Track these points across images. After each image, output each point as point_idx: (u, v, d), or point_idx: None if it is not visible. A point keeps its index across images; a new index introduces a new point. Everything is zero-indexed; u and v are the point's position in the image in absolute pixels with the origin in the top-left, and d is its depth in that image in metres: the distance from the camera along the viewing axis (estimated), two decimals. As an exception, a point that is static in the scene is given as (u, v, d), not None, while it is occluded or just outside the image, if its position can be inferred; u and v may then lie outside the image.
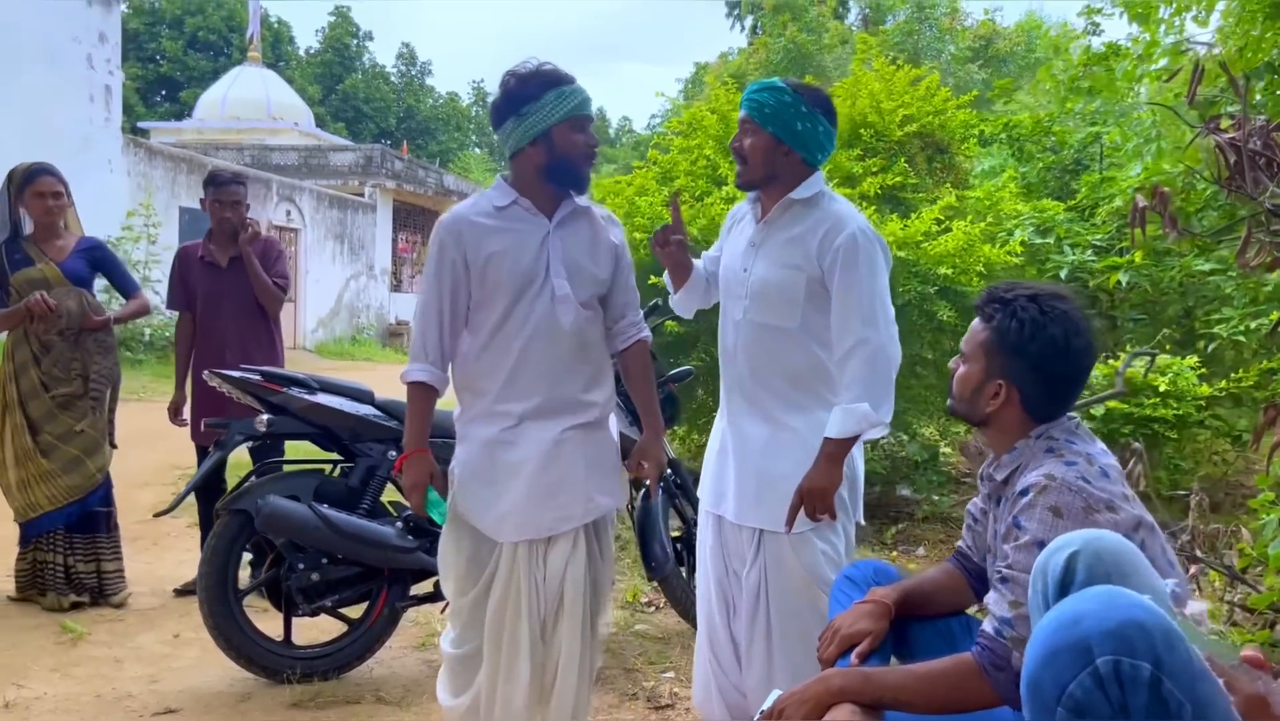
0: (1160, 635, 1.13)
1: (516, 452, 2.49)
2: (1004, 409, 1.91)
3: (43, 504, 4.19)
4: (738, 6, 24.33)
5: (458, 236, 2.50)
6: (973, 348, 1.97)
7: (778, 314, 2.60)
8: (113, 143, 15.46)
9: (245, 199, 4.64)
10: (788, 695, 1.75)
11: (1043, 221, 6.71)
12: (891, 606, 1.93)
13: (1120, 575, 1.31)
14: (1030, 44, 17.19)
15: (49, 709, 3.26)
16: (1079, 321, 1.90)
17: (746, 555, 2.63)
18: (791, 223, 2.61)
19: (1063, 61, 8.15)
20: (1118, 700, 1.14)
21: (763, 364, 2.64)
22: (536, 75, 2.47)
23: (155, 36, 38.95)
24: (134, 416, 10.01)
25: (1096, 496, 1.71)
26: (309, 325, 20.74)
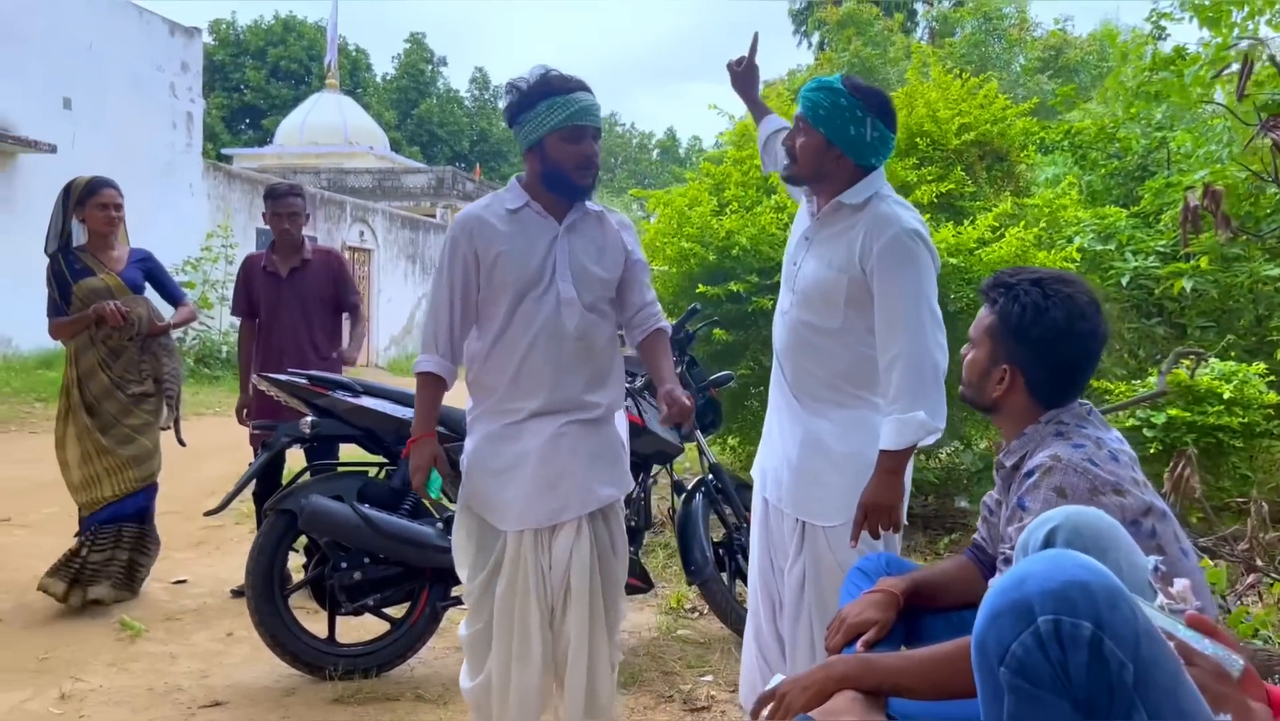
0: (1103, 595, 1.12)
1: (519, 445, 2.56)
2: (1010, 394, 1.90)
3: (108, 495, 4.36)
4: (804, 24, 24.30)
5: (470, 234, 2.58)
6: (979, 333, 1.96)
7: (819, 313, 2.58)
8: (194, 167, 16.02)
9: (304, 210, 4.80)
10: (789, 680, 1.74)
11: (1104, 228, 6.56)
12: (899, 596, 1.91)
13: (1099, 550, 1.29)
14: (1104, 53, 16.86)
15: (102, 700, 3.38)
16: (1084, 305, 1.87)
17: (789, 548, 2.62)
18: (840, 224, 2.58)
19: (1131, 68, 7.99)
20: (1058, 659, 1.13)
21: (804, 359, 2.63)
22: (536, 85, 2.51)
23: (240, 67, 40.27)
24: (208, 429, 10.33)
25: (1103, 478, 1.69)
26: (382, 343, 21.16)
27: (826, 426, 2.59)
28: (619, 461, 2.68)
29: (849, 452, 2.55)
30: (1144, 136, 7.63)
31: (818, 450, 2.58)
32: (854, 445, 2.55)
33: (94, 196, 4.45)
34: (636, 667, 3.69)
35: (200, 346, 14.90)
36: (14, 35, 12.99)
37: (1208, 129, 8.17)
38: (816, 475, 2.57)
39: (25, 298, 11.16)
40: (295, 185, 4.95)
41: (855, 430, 2.55)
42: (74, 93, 13.86)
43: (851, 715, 1.58)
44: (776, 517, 2.66)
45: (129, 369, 4.41)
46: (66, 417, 4.42)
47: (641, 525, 3.94)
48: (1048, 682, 1.14)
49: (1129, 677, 1.11)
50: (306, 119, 27.91)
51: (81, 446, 4.37)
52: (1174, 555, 1.73)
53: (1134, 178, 7.65)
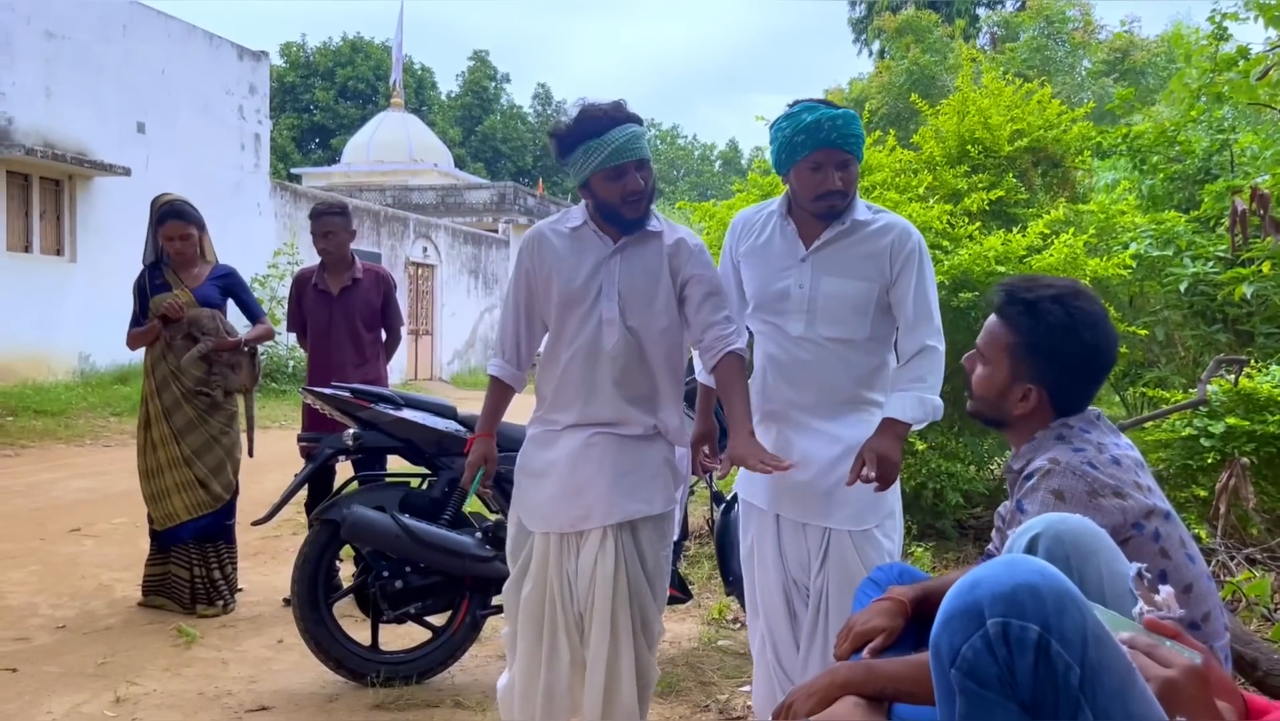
0: (1052, 598, 1.11)
1: (553, 451, 2.66)
2: (1034, 411, 1.91)
3: (180, 514, 4.51)
4: (864, 32, 24.16)
5: (531, 248, 2.70)
6: (993, 350, 1.96)
7: (849, 326, 2.62)
8: (261, 187, 16.46)
9: (343, 229, 4.87)
10: (797, 689, 1.76)
11: (1162, 233, 6.41)
12: (908, 604, 1.91)
13: (1079, 557, 1.29)
14: (1172, 55, 16.47)
15: (155, 704, 3.49)
16: (1102, 318, 1.91)
17: (812, 561, 2.62)
18: (850, 238, 2.63)
19: (1195, 69, 7.81)
20: (1005, 661, 1.13)
21: (831, 375, 2.64)
22: (572, 130, 2.56)
23: (309, 88, 41.26)
24: (272, 441, 10.58)
25: (1101, 481, 1.69)
26: (445, 357, 21.46)
27: (853, 433, 2.61)
28: (655, 479, 2.66)
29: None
30: (1207, 138, 7.44)
31: (849, 457, 2.58)
32: None
33: (162, 227, 4.61)
34: (674, 677, 3.71)
35: (267, 362, 15.27)
36: (91, 63, 13.50)
37: (1276, 130, 7.94)
38: (844, 480, 2.57)
39: (101, 315, 11.59)
40: (335, 204, 5.00)
41: (872, 428, 2.60)
42: (147, 117, 14.35)
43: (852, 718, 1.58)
44: (794, 532, 2.66)
45: (199, 381, 4.56)
46: (145, 428, 4.62)
47: (681, 536, 3.95)
48: (995, 684, 1.15)
49: (1075, 680, 1.11)
50: (372, 137, 28.48)
51: (155, 458, 4.54)
52: (1179, 560, 1.71)
53: (1195, 181, 7.45)
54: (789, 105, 2.64)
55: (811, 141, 2.51)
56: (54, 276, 13.10)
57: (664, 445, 2.70)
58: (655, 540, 2.69)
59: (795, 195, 2.65)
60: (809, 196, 2.59)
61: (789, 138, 2.55)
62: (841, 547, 2.58)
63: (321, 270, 4.94)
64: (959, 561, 5.33)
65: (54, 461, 9.12)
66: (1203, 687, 1.14)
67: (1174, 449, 4.88)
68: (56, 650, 4.05)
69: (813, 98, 2.65)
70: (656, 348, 2.64)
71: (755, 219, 2.80)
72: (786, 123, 2.57)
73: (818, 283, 2.62)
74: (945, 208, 5.90)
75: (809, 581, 2.64)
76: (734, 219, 2.87)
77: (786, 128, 2.56)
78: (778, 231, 2.72)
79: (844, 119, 2.53)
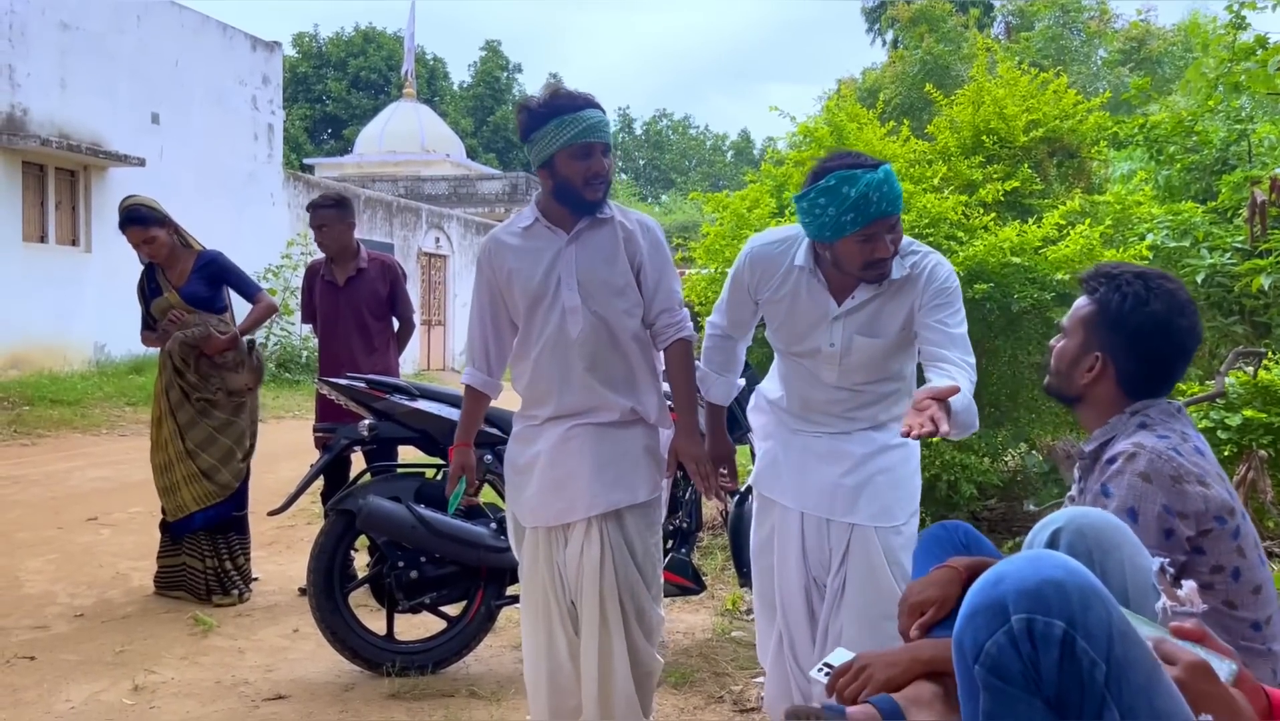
0: (1077, 594, 1.11)
1: (534, 446, 2.69)
2: (1099, 383, 1.90)
3: (189, 504, 4.54)
4: (878, 21, 24.04)
5: (488, 255, 2.72)
6: (1074, 322, 1.97)
7: (881, 370, 2.61)
8: (274, 177, 16.49)
9: (338, 221, 4.82)
10: (872, 655, 1.68)
11: (1179, 224, 6.36)
12: (963, 571, 1.79)
13: (1102, 551, 1.28)
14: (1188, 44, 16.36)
15: (172, 692, 3.52)
16: (1185, 303, 1.88)
17: (834, 556, 2.61)
18: (887, 294, 2.53)
19: (1213, 59, 7.74)
20: (1030, 657, 1.13)
21: (862, 404, 2.65)
22: (545, 104, 2.57)
23: (322, 78, 41.28)
24: (287, 431, 10.63)
25: (1187, 468, 1.69)
26: (457, 347, 21.49)
27: (884, 436, 2.62)
28: (638, 468, 2.67)
29: (908, 454, 2.65)
30: (1224, 129, 7.38)
31: (883, 455, 2.60)
32: (910, 447, 2.66)
33: (125, 234, 4.59)
34: (688, 668, 3.72)
35: (281, 351, 15.33)
36: (105, 54, 13.54)
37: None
38: (880, 476, 2.58)
39: (117, 305, 11.63)
40: (328, 196, 4.95)
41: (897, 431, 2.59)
42: (161, 108, 14.39)
43: (928, 708, 1.54)
44: (818, 530, 2.63)
45: (200, 381, 4.57)
46: (156, 425, 4.66)
47: (693, 527, 3.96)
48: (1019, 680, 1.14)
49: (1100, 676, 1.11)
50: (385, 128, 28.47)
51: (164, 453, 4.58)
52: (1253, 560, 1.71)
53: (1213, 172, 7.40)
54: (814, 175, 2.43)
55: (862, 218, 2.34)
56: (69, 266, 13.16)
57: (645, 431, 2.70)
58: (643, 528, 2.69)
59: (838, 262, 2.47)
60: (858, 266, 2.43)
61: (835, 218, 2.35)
62: (866, 543, 2.56)
63: (329, 261, 4.95)
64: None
65: (70, 451, 9.18)
66: (1211, 683, 1.13)
67: (1190, 441, 4.86)
68: (75, 638, 4.08)
69: (840, 157, 2.47)
70: (624, 329, 2.65)
71: (776, 261, 2.61)
72: (825, 200, 2.35)
73: (850, 340, 2.54)
74: (960, 198, 5.87)
75: (828, 579, 2.64)
76: (751, 249, 2.68)
77: (828, 206, 2.35)
78: (804, 287, 2.56)
79: (887, 182, 2.36)
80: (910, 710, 1.50)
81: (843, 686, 1.62)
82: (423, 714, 3.33)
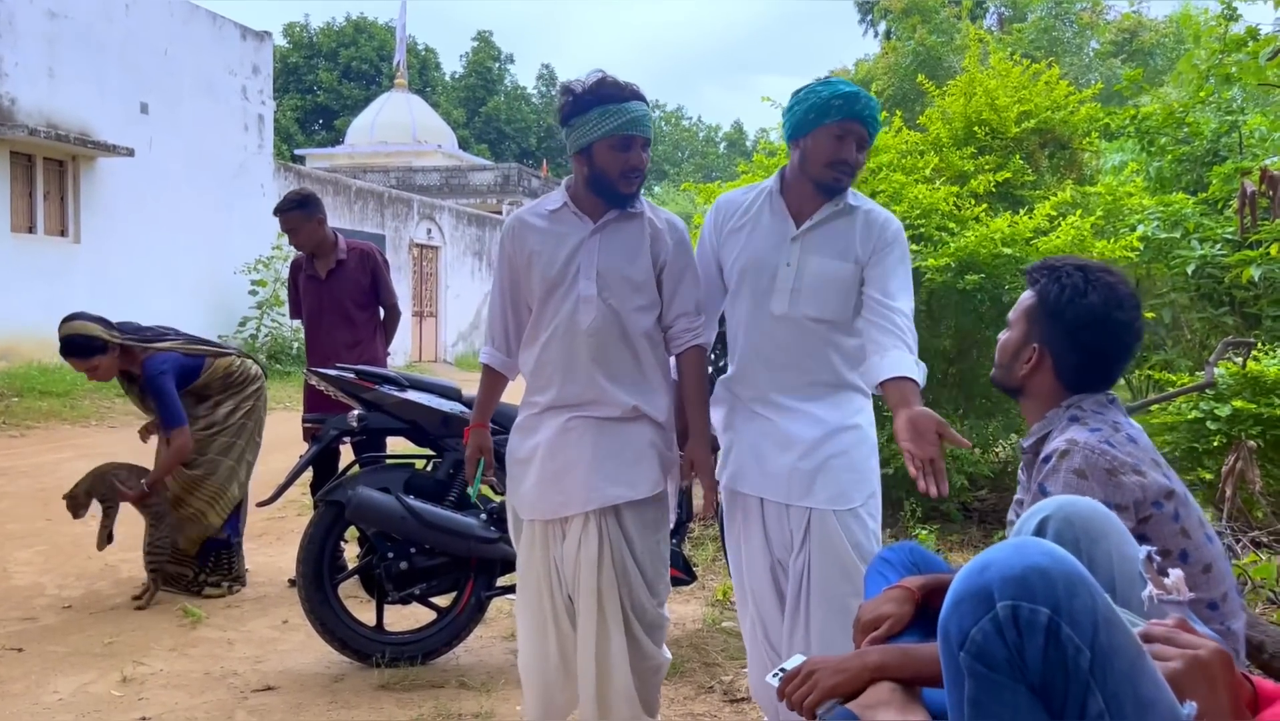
0: (1063, 581, 1.11)
1: (534, 438, 2.65)
2: (1037, 374, 1.91)
3: (190, 549, 4.56)
4: (870, 12, 24.01)
5: (511, 234, 2.69)
6: (1017, 314, 1.99)
7: (831, 306, 2.60)
8: (265, 168, 16.41)
9: (303, 221, 4.77)
10: (819, 661, 1.69)
11: (1170, 215, 6.37)
12: (916, 591, 1.88)
13: (1089, 539, 1.28)
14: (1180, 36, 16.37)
15: (161, 684, 3.50)
16: (1124, 297, 1.89)
17: (794, 540, 2.62)
18: (834, 221, 2.64)
19: (1204, 50, 7.75)
20: (1015, 644, 1.13)
21: (814, 356, 2.63)
22: (590, 91, 2.54)
23: (313, 69, 41.12)
24: (278, 423, 10.55)
25: (1120, 459, 1.69)
26: (449, 339, 21.46)
27: (837, 415, 2.62)
28: (640, 463, 2.61)
29: (862, 435, 2.65)
30: (1215, 120, 7.39)
31: (835, 437, 2.60)
32: (865, 426, 2.67)
33: (66, 361, 4.51)
34: (679, 658, 3.71)
35: (272, 343, 15.29)
36: (93, 43, 13.45)
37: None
38: (835, 460, 2.58)
39: (106, 296, 11.58)
40: (292, 198, 4.84)
41: (860, 413, 2.65)
42: (150, 97, 14.30)
43: (890, 706, 1.55)
44: (777, 514, 2.64)
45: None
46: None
47: (684, 518, 3.96)
48: (1004, 667, 1.14)
49: (1085, 663, 1.11)
50: (376, 118, 28.40)
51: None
52: (1198, 540, 1.71)
53: (1203, 163, 7.41)
54: (823, 78, 2.67)
55: (846, 109, 2.51)
56: (58, 257, 13.09)
57: (649, 426, 2.63)
58: (643, 525, 2.63)
59: (805, 162, 2.59)
60: (824, 161, 2.55)
61: (825, 100, 2.52)
62: (825, 527, 2.57)
63: (310, 256, 4.94)
64: (963, 544, 5.33)
65: (59, 442, 9.14)
66: (1211, 673, 1.13)
67: (1180, 431, 4.87)
68: (63, 630, 4.06)
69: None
70: (636, 326, 2.60)
71: (742, 200, 2.76)
72: (823, 88, 2.56)
73: (805, 261, 2.61)
74: (952, 189, 5.87)
75: (790, 560, 2.65)
76: (717, 201, 2.83)
77: (823, 91, 2.54)
78: (767, 209, 2.69)
79: (874, 103, 2.58)
80: (868, 715, 1.50)
81: (790, 691, 1.64)
82: (412, 705, 3.32)
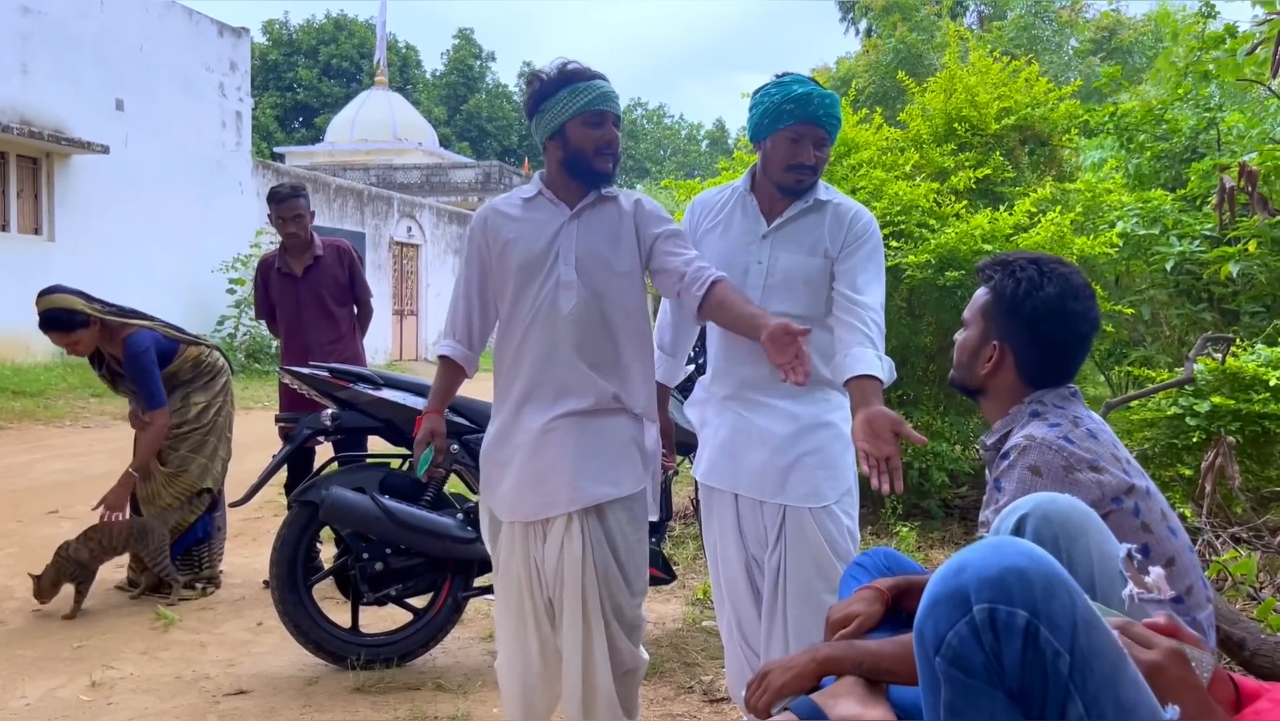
0: (1041, 583, 1.07)
1: (514, 439, 2.59)
2: (998, 372, 1.89)
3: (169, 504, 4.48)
4: (851, 10, 24.03)
5: (483, 225, 2.65)
6: (973, 313, 1.96)
7: (801, 300, 2.60)
8: (243, 166, 16.27)
9: (306, 210, 4.78)
10: (773, 663, 1.70)
11: (1149, 212, 6.39)
12: (886, 591, 1.86)
13: (1068, 537, 1.25)
14: (1159, 34, 16.46)
15: (131, 688, 3.44)
16: (1079, 286, 1.87)
17: (769, 537, 2.60)
18: (805, 218, 2.63)
19: (1183, 48, 7.77)
20: (992, 648, 1.09)
21: None
22: (558, 74, 2.53)
23: (292, 66, 40.84)
24: (255, 423, 10.48)
25: (1078, 455, 1.67)
26: (430, 337, 21.34)
27: (809, 410, 2.60)
28: (622, 459, 2.57)
29: (836, 432, 2.62)
30: (1194, 117, 7.41)
31: (807, 434, 2.58)
32: (838, 422, 2.63)
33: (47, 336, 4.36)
34: (659, 658, 3.68)
35: (250, 342, 15.16)
36: (67, 39, 13.29)
37: (1261, 109, 7.91)
38: (807, 458, 2.56)
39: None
40: (298, 185, 4.91)
41: (834, 410, 2.62)
42: (126, 94, 14.15)
43: (852, 697, 1.55)
44: (751, 510, 2.64)
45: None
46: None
47: (664, 516, 3.92)
48: (981, 672, 1.11)
49: (1064, 667, 1.08)
50: (356, 116, 28.23)
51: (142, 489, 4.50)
52: (1160, 534, 1.69)
53: (1182, 160, 7.43)
54: (778, 75, 2.63)
55: (799, 112, 2.51)
56: (32, 256, 12.93)
57: (629, 421, 2.59)
58: (625, 522, 2.59)
59: (766, 165, 2.61)
60: (781, 166, 2.56)
61: (777, 104, 2.52)
62: (800, 524, 2.56)
63: (283, 253, 4.86)
64: (944, 541, 5.32)
65: (32, 442, 9.03)
66: (1187, 669, 1.11)
67: (1159, 428, 4.88)
68: (32, 633, 3.99)
69: (801, 74, 2.63)
70: (617, 309, 2.56)
71: (716, 199, 2.77)
72: (776, 90, 2.55)
73: (775, 258, 2.61)
74: (932, 186, 5.86)
75: (765, 556, 2.63)
76: (694, 200, 2.85)
77: (776, 94, 2.54)
78: (739, 208, 2.70)
79: (831, 100, 2.55)
80: (830, 705, 1.49)
81: (750, 699, 1.65)
82: (388, 708, 3.27)
